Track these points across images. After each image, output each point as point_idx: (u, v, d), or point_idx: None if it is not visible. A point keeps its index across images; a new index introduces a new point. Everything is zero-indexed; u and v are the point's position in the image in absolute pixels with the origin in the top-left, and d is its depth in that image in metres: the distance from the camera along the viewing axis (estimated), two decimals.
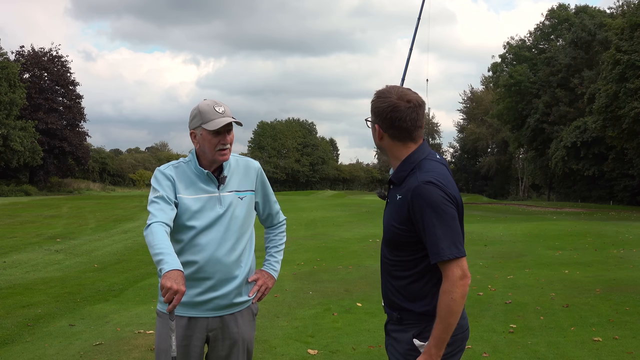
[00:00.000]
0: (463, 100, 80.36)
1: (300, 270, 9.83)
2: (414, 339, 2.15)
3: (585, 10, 48.57)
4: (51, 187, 48.68)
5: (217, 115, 2.54)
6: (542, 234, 15.54)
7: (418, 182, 2.09)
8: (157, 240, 2.35)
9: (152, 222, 2.42)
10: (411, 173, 2.16)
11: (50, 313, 6.69)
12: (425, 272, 2.15)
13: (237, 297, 2.63)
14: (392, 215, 2.19)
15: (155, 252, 2.33)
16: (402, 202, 2.13)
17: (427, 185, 2.08)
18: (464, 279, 2.03)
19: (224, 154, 2.58)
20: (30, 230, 16.43)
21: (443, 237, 2.03)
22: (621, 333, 5.51)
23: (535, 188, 65.94)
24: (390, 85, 2.27)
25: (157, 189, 2.54)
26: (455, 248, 2.04)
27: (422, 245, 2.11)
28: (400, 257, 2.19)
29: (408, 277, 2.17)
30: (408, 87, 2.31)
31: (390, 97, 2.20)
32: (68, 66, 50.80)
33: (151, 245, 2.35)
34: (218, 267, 2.56)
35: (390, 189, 2.29)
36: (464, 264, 2.05)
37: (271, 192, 2.85)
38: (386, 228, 2.22)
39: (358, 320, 6.13)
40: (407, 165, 2.19)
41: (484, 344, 5.22)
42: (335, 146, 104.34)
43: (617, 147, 36.59)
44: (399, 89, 2.24)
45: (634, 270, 9.41)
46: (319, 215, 22.89)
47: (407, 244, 2.14)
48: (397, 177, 2.20)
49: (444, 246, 2.03)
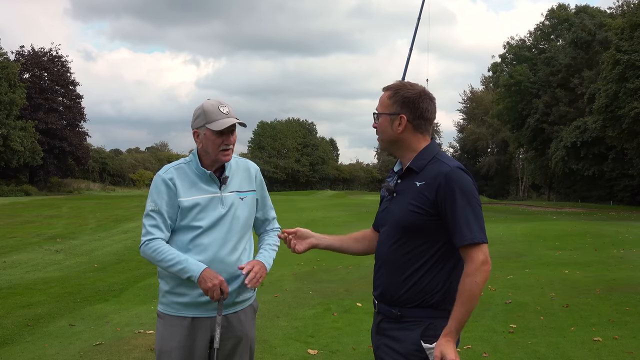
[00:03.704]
0: (463, 100, 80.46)
1: (300, 270, 9.83)
2: (421, 340, 2.12)
3: (585, 10, 48.55)
4: (51, 187, 48.66)
5: (222, 115, 2.54)
6: (542, 234, 15.53)
7: (450, 167, 2.13)
8: (164, 254, 2.49)
9: (149, 239, 2.52)
10: (433, 161, 2.18)
11: (50, 313, 6.68)
12: (439, 261, 2.15)
13: (239, 296, 2.64)
14: (408, 202, 2.16)
15: (170, 264, 2.48)
16: (425, 187, 2.13)
17: (459, 170, 2.13)
18: (486, 265, 2.07)
19: (227, 154, 2.59)
20: (30, 230, 16.42)
21: (475, 221, 2.07)
22: (621, 333, 5.51)
23: (535, 188, 65.93)
24: (400, 80, 2.30)
25: (153, 202, 2.57)
26: (483, 233, 2.09)
27: (440, 233, 2.12)
28: (417, 245, 2.15)
29: (422, 266, 2.15)
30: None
31: (417, 88, 2.23)
32: (68, 66, 50.84)
33: (164, 260, 2.49)
34: (221, 266, 2.56)
35: (399, 182, 2.26)
36: (487, 251, 2.09)
37: (268, 197, 2.85)
38: (401, 216, 2.18)
39: (358, 320, 6.13)
40: (427, 155, 2.21)
41: (484, 344, 5.22)
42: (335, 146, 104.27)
43: (617, 147, 36.59)
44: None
45: (634, 270, 9.41)
46: (319, 215, 22.86)
47: (427, 229, 2.13)
48: (417, 165, 2.20)
49: (475, 229, 2.07)
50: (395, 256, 2.20)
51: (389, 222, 2.24)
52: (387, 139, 2.27)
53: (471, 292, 2.04)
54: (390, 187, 2.29)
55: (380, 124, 2.26)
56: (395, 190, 2.26)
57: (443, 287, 2.14)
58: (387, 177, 2.39)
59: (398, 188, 2.25)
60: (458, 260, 2.16)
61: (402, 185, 2.24)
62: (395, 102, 2.21)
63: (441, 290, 2.14)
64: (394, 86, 2.25)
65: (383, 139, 2.29)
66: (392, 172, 2.36)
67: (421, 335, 2.12)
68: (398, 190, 2.25)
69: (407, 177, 2.23)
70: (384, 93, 2.27)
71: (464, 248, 2.08)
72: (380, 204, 2.44)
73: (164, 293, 2.63)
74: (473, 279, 2.04)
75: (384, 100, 2.25)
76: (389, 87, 2.27)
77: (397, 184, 2.26)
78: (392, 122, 2.22)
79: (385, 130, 2.25)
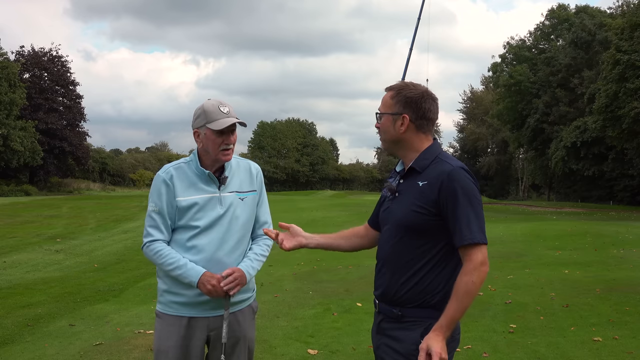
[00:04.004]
0: (463, 100, 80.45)
1: (300, 270, 9.83)
2: (421, 340, 2.10)
3: (585, 10, 48.55)
4: (51, 187, 48.66)
5: (222, 115, 2.55)
6: (542, 234, 15.53)
7: (452, 167, 2.14)
8: (164, 258, 2.54)
9: (150, 240, 2.57)
10: (435, 161, 2.19)
11: (50, 313, 6.68)
12: (441, 261, 2.16)
13: (238, 296, 2.63)
14: (411, 202, 2.17)
15: (170, 268, 2.53)
16: (427, 187, 2.14)
17: (462, 170, 2.13)
18: (485, 266, 2.08)
19: (227, 154, 2.59)
20: (30, 230, 16.42)
21: (475, 221, 2.08)
22: (621, 333, 5.51)
23: (535, 188, 65.92)
24: (403, 80, 2.31)
25: (153, 203, 2.60)
26: (483, 234, 2.10)
27: (442, 233, 2.13)
28: (419, 245, 2.16)
29: (423, 266, 2.15)
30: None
31: (420, 88, 2.24)
32: (68, 66, 50.85)
33: (164, 264, 2.54)
34: (219, 267, 2.56)
35: (401, 182, 2.26)
36: (486, 252, 2.09)
37: (266, 200, 2.83)
38: (404, 216, 2.18)
39: (358, 320, 6.13)
40: (429, 155, 2.21)
41: (484, 344, 5.22)
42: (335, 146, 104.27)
43: (617, 147, 36.59)
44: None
45: (634, 270, 9.41)
46: (319, 215, 22.85)
47: (430, 229, 2.14)
48: (419, 165, 2.20)
49: (475, 229, 2.07)
50: (397, 256, 2.20)
51: (391, 221, 2.23)
52: (390, 138, 2.27)
53: (467, 290, 2.04)
54: (392, 186, 2.29)
55: (382, 124, 2.26)
56: (398, 190, 2.26)
57: (444, 288, 2.14)
58: (389, 177, 2.38)
59: (400, 188, 2.25)
60: (459, 261, 2.15)
61: (404, 185, 2.24)
62: (397, 102, 2.22)
63: (442, 291, 2.14)
64: (396, 86, 2.26)
65: (385, 139, 2.29)
66: (394, 172, 2.35)
67: (421, 335, 2.12)
68: (400, 190, 2.25)
69: (410, 176, 2.23)
70: (387, 93, 2.27)
71: (463, 248, 2.08)
72: (378, 203, 2.44)
73: (162, 292, 2.64)
74: (470, 278, 2.04)
75: (387, 100, 2.25)
76: (392, 87, 2.27)
77: (400, 183, 2.26)
78: (394, 122, 2.22)
79: (387, 130, 2.25)
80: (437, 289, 2.15)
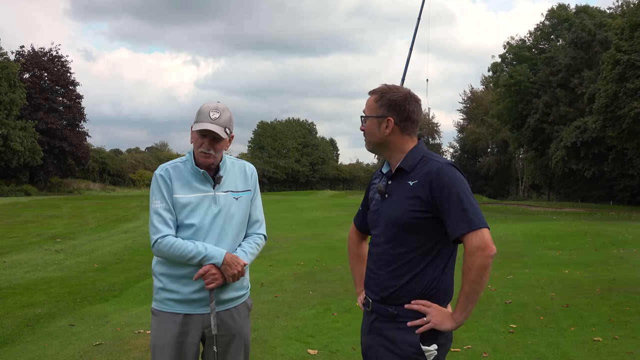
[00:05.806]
0: (463, 100, 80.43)
1: (300, 270, 9.83)
2: (421, 343, 2.14)
3: (585, 10, 48.54)
4: (51, 187, 48.67)
5: (207, 119, 2.59)
6: (542, 234, 15.54)
7: (440, 164, 2.18)
8: (181, 248, 2.53)
9: (161, 236, 2.55)
10: (423, 160, 2.22)
11: (50, 313, 6.68)
12: (434, 259, 2.18)
13: (232, 293, 2.66)
14: (403, 201, 2.19)
15: (191, 256, 2.52)
16: (418, 185, 2.16)
17: (450, 167, 2.17)
18: (487, 248, 2.07)
19: (205, 156, 2.61)
20: (30, 230, 16.43)
21: (470, 209, 2.09)
22: (621, 333, 5.51)
23: (535, 188, 65.92)
24: (385, 84, 2.33)
25: (157, 199, 2.61)
26: (480, 219, 2.10)
27: (435, 231, 2.15)
28: (411, 244, 2.17)
29: (417, 265, 2.17)
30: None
31: (402, 90, 2.27)
32: (68, 66, 50.88)
33: (183, 254, 2.52)
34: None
35: (390, 183, 2.28)
36: (487, 234, 2.10)
37: (259, 199, 2.85)
38: (398, 216, 2.19)
39: (358, 320, 6.08)
40: (416, 154, 2.25)
41: (484, 344, 5.22)
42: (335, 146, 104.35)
43: (617, 147, 36.58)
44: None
45: (634, 270, 9.42)
46: (319, 215, 22.86)
47: (422, 227, 2.16)
48: (407, 165, 2.23)
49: (472, 217, 2.09)
50: (390, 255, 2.22)
51: (383, 222, 2.25)
52: (375, 141, 2.30)
53: (469, 270, 2.07)
54: (381, 188, 2.31)
55: (367, 127, 2.30)
56: (387, 192, 2.27)
57: (439, 284, 2.18)
58: (373, 179, 2.42)
59: (390, 189, 2.27)
60: (453, 257, 2.22)
61: (393, 185, 2.26)
62: (382, 106, 2.25)
63: (436, 287, 2.18)
64: (380, 90, 2.29)
65: (370, 141, 2.32)
66: (379, 174, 2.38)
67: (421, 339, 2.14)
68: (390, 191, 2.26)
69: (398, 177, 2.25)
70: (371, 97, 2.31)
71: (463, 237, 2.10)
72: (363, 206, 2.48)
73: (157, 290, 2.66)
74: (471, 259, 2.07)
75: (371, 103, 2.29)
76: (375, 91, 2.30)
77: (388, 184, 2.28)
78: (379, 125, 2.26)
79: (373, 132, 2.29)
80: (432, 286, 2.18)
